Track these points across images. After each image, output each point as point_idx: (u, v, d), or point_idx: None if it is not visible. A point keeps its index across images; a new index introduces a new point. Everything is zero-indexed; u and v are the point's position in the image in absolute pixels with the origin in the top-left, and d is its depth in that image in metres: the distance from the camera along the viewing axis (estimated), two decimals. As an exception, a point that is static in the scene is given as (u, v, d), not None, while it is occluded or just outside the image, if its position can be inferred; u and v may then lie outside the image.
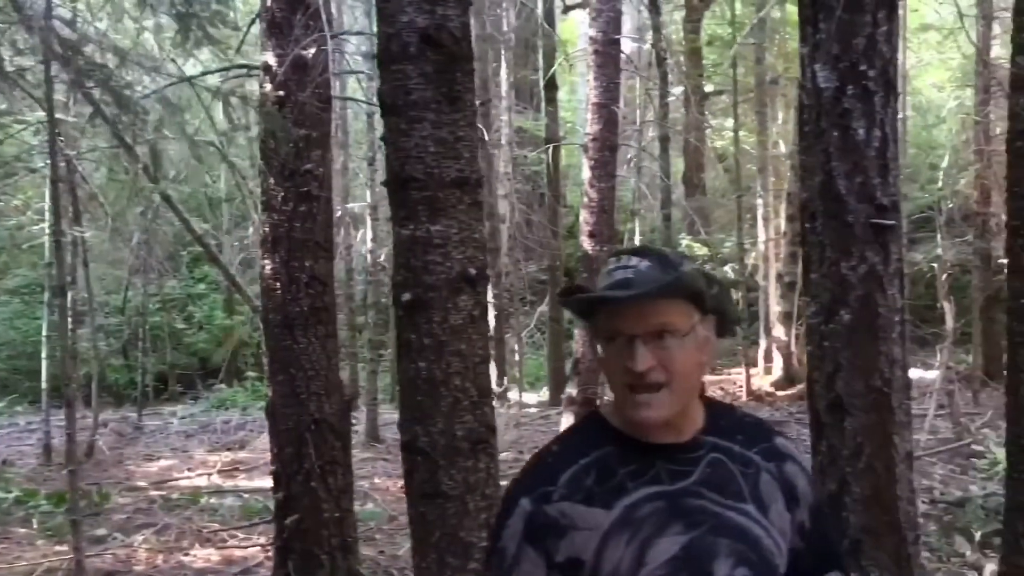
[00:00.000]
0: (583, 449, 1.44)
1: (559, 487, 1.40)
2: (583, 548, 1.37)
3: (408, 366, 2.74)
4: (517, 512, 1.41)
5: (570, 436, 1.55)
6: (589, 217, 6.52)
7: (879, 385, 3.02)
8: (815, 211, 3.13)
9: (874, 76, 3.01)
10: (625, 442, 1.43)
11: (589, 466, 1.42)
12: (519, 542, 1.40)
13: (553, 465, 1.44)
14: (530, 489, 1.42)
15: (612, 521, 1.38)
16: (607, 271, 1.43)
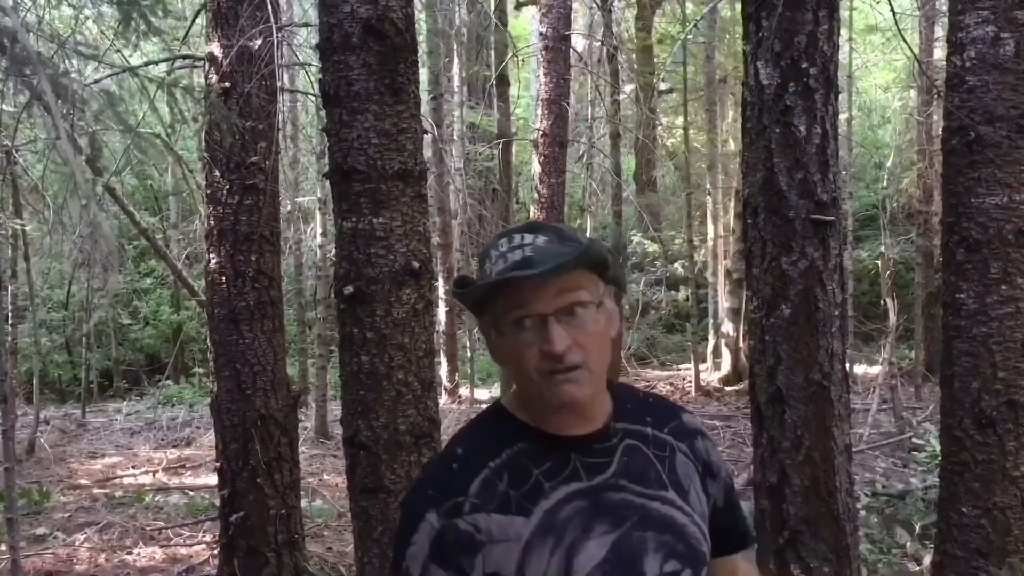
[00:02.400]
0: (491, 449, 1.30)
1: (470, 497, 1.26)
2: (503, 562, 1.25)
3: (350, 360, 2.71)
4: (422, 529, 1.26)
5: (474, 435, 1.37)
6: (539, 213, 6.52)
7: (818, 378, 3.07)
8: (757, 207, 3.16)
9: (815, 74, 3.04)
10: (535, 437, 1.31)
11: (500, 468, 1.28)
12: (424, 562, 1.26)
13: (460, 471, 1.29)
14: (436, 501, 1.27)
15: (532, 530, 1.26)
16: (500, 253, 1.28)
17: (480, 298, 1.29)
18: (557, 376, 1.25)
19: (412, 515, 1.29)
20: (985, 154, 2.82)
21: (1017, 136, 2.78)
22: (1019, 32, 2.77)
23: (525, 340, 1.25)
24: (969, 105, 2.86)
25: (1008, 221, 2.81)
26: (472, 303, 1.32)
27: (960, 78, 2.92)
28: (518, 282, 1.22)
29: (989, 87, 2.81)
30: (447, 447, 1.37)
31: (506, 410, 1.35)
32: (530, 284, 1.22)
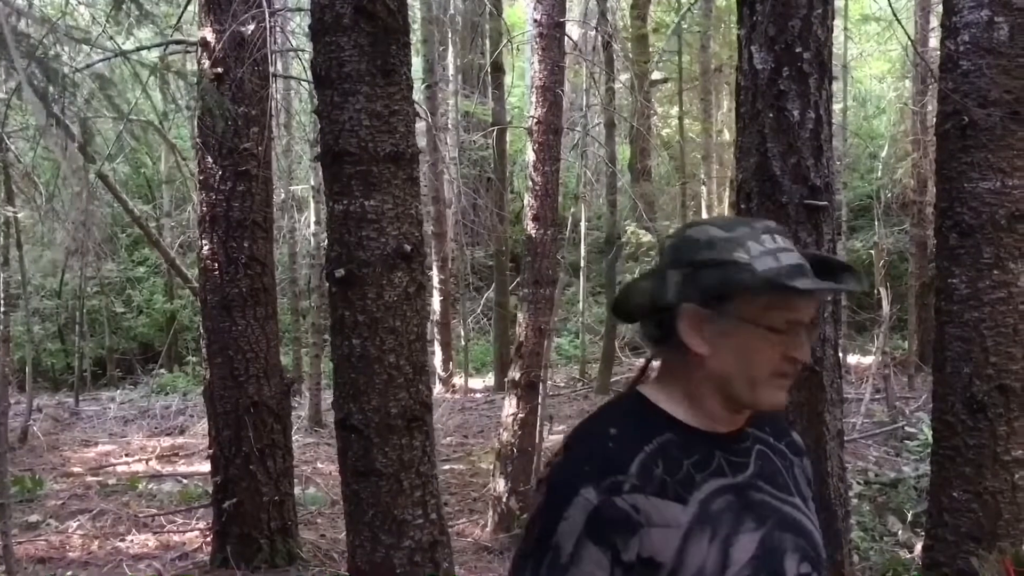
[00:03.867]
0: (642, 434, 1.29)
1: (630, 476, 1.24)
2: (661, 547, 1.22)
3: (342, 343, 2.70)
4: (577, 503, 1.22)
5: (621, 418, 1.34)
6: (533, 200, 6.49)
7: (811, 364, 3.06)
8: (750, 191, 3.16)
9: (809, 58, 3.03)
10: (681, 430, 1.31)
11: (655, 454, 1.27)
12: (579, 538, 1.22)
13: (617, 450, 1.27)
14: (594, 477, 1.23)
15: (691, 518, 1.24)
16: (766, 249, 1.25)
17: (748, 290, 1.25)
18: (783, 381, 1.29)
19: (564, 490, 1.25)
20: (978, 138, 2.81)
21: (1010, 120, 2.78)
22: (1013, 16, 2.76)
23: (774, 340, 1.26)
24: (963, 89, 2.85)
25: (1001, 206, 2.81)
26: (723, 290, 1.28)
27: (954, 62, 2.91)
28: (816, 292, 1.26)
29: (983, 71, 2.81)
30: (591, 426, 1.35)
31: (648, 399, 1.34)
32: (818, 294, 1.28)
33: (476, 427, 10.17)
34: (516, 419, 6.58)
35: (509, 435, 6.62)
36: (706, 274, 1.27)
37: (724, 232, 1.29)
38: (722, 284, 1.25)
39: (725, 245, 1.27)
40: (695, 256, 1.28)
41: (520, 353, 6.61)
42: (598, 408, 1.41)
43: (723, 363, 1.29)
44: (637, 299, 1.34)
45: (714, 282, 1.26)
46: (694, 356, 1.30)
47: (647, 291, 1.32)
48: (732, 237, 1.28)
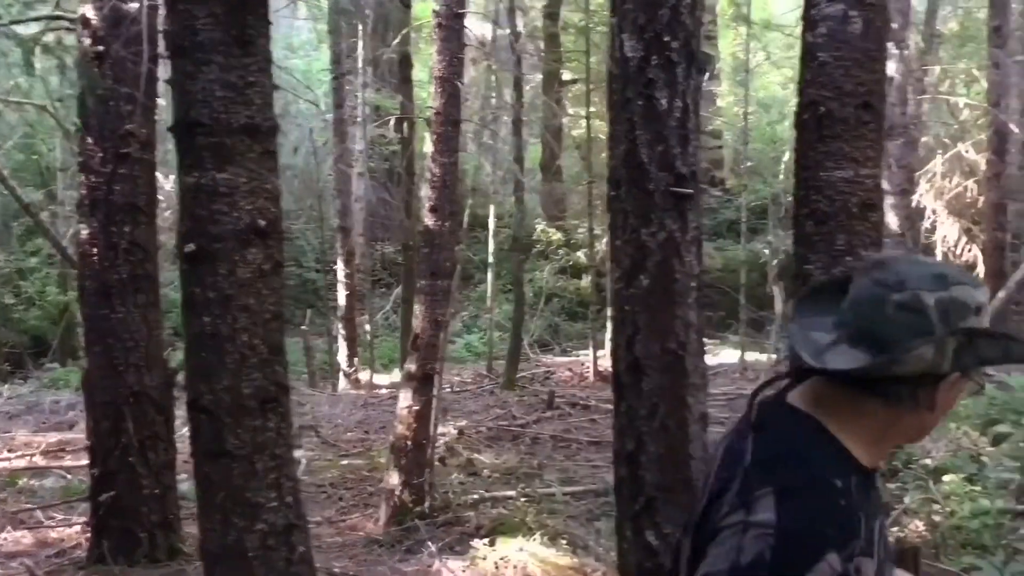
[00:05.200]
0: (850, 484, 1.26)
1: (861, 539, 1.22)
2: None
3: (192, 321, 2.64)
4: (821, 570, 1.17)
5: (832, 464, 1.28)
6: (431, 192, 6.46)
7: (674, 347, 3.11)
8: (620, 179, 3.19)
9: (677, 48, 3.08)
10: (859, 471, 1.30)
11: (862, 509, 1.26)
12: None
13: (849, 509, 1.23)
14: (840, 543, 1.19)
15: (875, 569, 1.24)
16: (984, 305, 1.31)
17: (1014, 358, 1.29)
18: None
19: (808, 551, 1.19)
20: (834, 129, 2.91)
21: (864, 112, 2.88)
22: (867, 11, 2.86)
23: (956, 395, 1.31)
24: (820, 81, 2.94)
25: (854, 194, 2.91)
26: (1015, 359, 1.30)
27: (813, 54, 3.00)
28: None
29: (839, 64, 2.90)
30: (811, 469, 1.27)
31: (834, 436, 1.31)
32: None
33: (378, 423, 10.08)
34: (411, 412, 6.54)
35: (404, 428, 6.57)
36: (985, 345, 1.26)
37: (981, 294, 1.29)
38: (1004, 358, 1.27)
39: (986, 312, 1.29)
40: (970, 323, 1.26)
41: (416, 345, 6.57)
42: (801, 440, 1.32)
43: (937, 417, 1.31)
44: (910, 368, 1.25)
45: (996, 355, 1.27)
46: (913, 408, 1.28)
47: (925, 360, 1.24)
48: (987, 303, 1.31)
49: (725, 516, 1.27)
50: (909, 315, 1.25)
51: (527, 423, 9.70)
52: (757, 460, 1.29)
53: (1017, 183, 12.69)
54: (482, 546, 5.83)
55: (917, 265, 1.31)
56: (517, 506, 6.67)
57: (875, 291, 1.29)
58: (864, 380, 1.26)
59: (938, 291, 1.26)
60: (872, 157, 2.91)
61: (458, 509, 6.64)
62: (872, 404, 1.29)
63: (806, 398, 1.35)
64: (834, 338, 1.32)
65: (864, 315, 1.29)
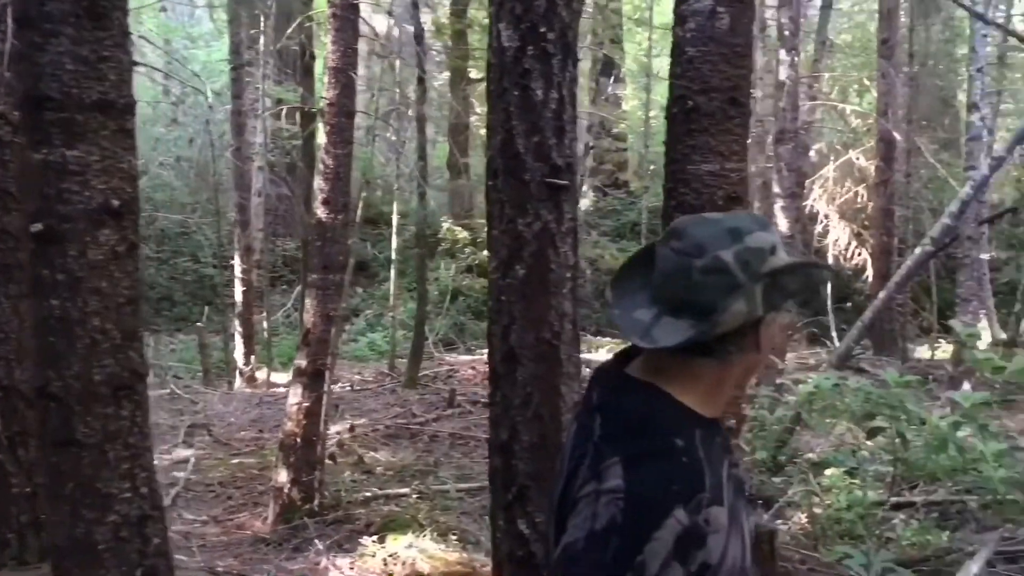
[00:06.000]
0: (691, 438, 1.32)
1: (707, 491, 1.27)
2: (712, 552, 1.26)
3: (41, 304, 2.52)
4: (668, 525, 1.23)
5: (673, 423, 1.35)
6: (324, 184, 6.37)
7: (549, 337, 3.13)
8: (497, 169, 3.19)
9: (553, 39, 3.09)
10: (700, 422, 1.36)
11: (708, 461, 1.31)
12: (665, 559, 1.23)
13: (692, 465, 1.29)
14: (684, 498, 1.25)
15: (727, 517, 1.29)
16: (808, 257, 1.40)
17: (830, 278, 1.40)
18: None
19: (655, 510, 1.24)
20: (701, 123, 2.97)
21: (730, 107, 2.95)
22: (734, 7, 2.93)
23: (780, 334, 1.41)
24: (688, 75, 3.00)
25: (720, 188, 2.98)
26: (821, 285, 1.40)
27: (682, 49, 3.05)
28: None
29: (706, 58, 2.97)
30: (656, 438, 1.33)
31: (671, 396, 1.36)
32: None
33: (273, 421, 9.87)
34: (301, 409, 6.44)
35: (293, 425, 6.47)
36: (789, 280, 1.33)
37: (771, 234, 1.35)
38: (807, 285, 1.35)
39: (780, 248, 1.35)
40: (770, 265, 1.32)
41: (307, 341, 6.47)
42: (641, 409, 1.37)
43: (763, 356, 1.38)
44: (731, 324, 1.31)
45: (799, 286, 1.34)
46: (741, 356, 1.35)
47: (742, 312, 1.30)
48: (779, 240, 1.36)
49: (580, 488, 1.33)
50: (715, 276, 1.31)
51: (426, 421, 9.65)
52: (605, 433, 1.36)
53: (903, 190, 13.24)
54: (371, 543, 5.78)
55: (709, 225, 1.36)
56: (410, 503, 6.63)
57: (679, 261, 1.34)
58: (693, 346, 1.33)
59: (734, 245, 1.32)
60: (737, 151, 2.98)
61: (349, 507, 6.56)
62: (704, 363, 1.36)
63: (644, 368, 1.41)
64: (655, 313, 1.37)
65: (675, 286, 1.35)
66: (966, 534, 5.44)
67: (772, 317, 1.34)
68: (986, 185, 7.91)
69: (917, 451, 5.68)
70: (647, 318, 1.37)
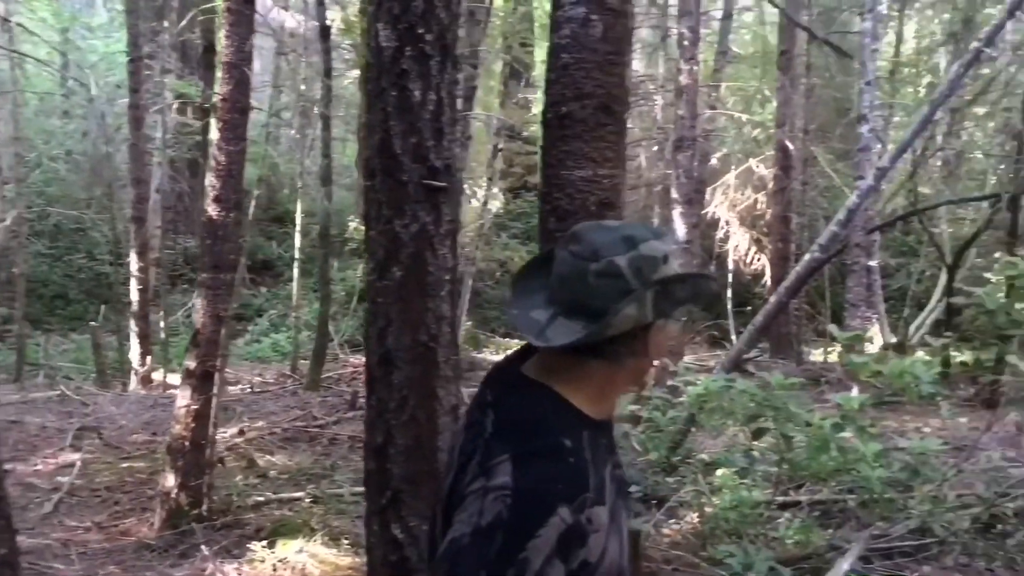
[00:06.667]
0: (578, 439, 1.35)
1: (592, 491, 1.31)
2: (593, 550, 1.30)
3: None
4: (552, 523, 1.25)
5: (562, 424, 1.38)
6: (215, 181, 6.21)
7: (425, 340, 3.12)
8: (375, 169, 3.17)
9: (431, 40, 3.09)
10: (586, 423, 1.39)
11: (593, 462, 1.35)
12: (547, 556, 1.25)
13: (578, 465, 1.33)
14: (567, 496, 1.28)
15: (608, 516, 1.33)
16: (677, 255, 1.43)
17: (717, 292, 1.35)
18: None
19: (540, 508, 1.26)
20: (575, 129, 3.00)
21: (603, 114, 2.99)
22: (607, 15, 2.97)
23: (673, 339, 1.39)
24: (563, 81, 3.04)
25: (592, 193, 3.01)
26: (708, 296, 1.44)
27: (557, 55, 3.09)
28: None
29: (580, 65, 3.00)
30: (545, 437, 1.36)
31: (560, 396, 1.40)
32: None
33: (167, 424, 9.58)
34: (190, 411, 6.29)
35: (181, 428, 6.32)
36: (679, 288, 1.39)
37: (666, 244, 1.40)
38: (695, 295, 1.40)
39: (674, 257, 1.39)
40: (662, 274, 1.37)
41: (197, 342, 6.31)
42: (532, 408, 1.40)
43: (651, 361, 1.43)
44: (621, 327, 1.36)
45: (688, 295, 1.40)
46: (631, 359, 1.40)
47: (632, 316, 1.35)
48: (673, 249, 1.40)
49: (468, 484, 1.35)
50: (609, 280, 1.37)
51: (326, 424, 9.53)
52: (496, 430, 1.40)
53: (800, 198, 13.66)
54: (260, 548, 5.68)
55: (606, 232, 1.42)
56: (303, 507, 6.54)
57: (575, 264, 1.39)
58: (585, 347, 1.38)
59: (628, 252, 1.38)
60: (611, 158, 3.03)
61: (239, 511, 6.43)
62: (595, 364, 1.41)
63: (538, 368, 1.45)
64: (551, 314, 1.42)
65: (571, 289, 1.40)
66: (846, 532, 5.62)
67: (662, 323, 1.40)
68: (871, 195, 8.21)
69: (801, 452, 5.85)
70: (543, 318, 1.42)
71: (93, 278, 16.11)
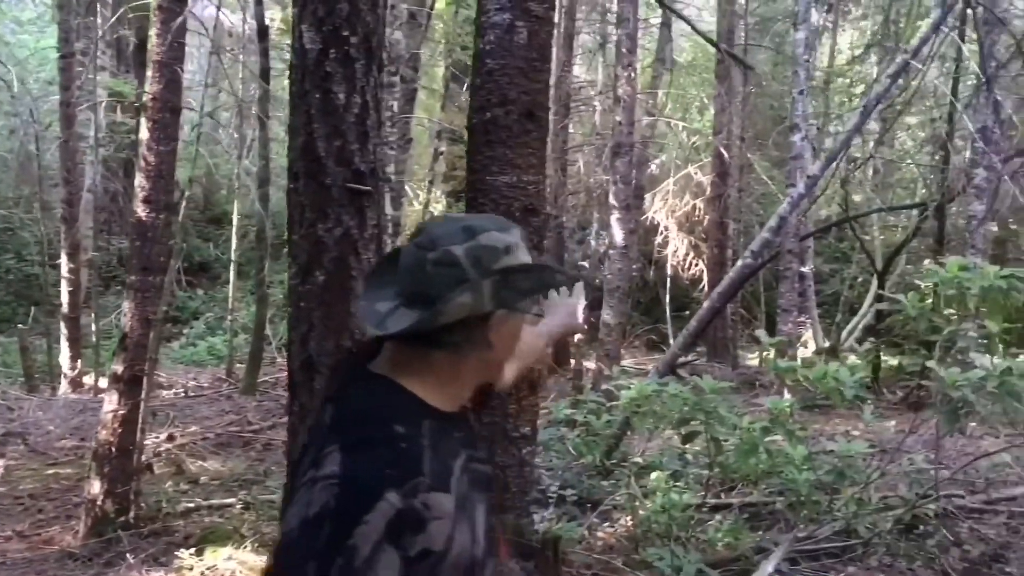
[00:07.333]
0: (416, 427, 1.35)
1: (426, 476, 1.28)
2: (435, 539, 1.27)
3: None
4: (380, 508, 1.23)
5: (398, 412, 1.37)
6: (145, 182, 6.09)
7: (349, 345, 3.09)
8: (298, 172, 3.14)
9: (356, 43, 3.07)
10: (435, 415, 1.39)
11: (431, 447, 1.33)
12: (377, 542, 1.22)
13: (409, 450, 1.31)
14: (397, 481, 1.25)
15: (455, 504, 1.32)
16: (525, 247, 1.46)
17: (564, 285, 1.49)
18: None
19: (366, 493, 1.24)
20: (499, 135, 3.00)
21: (527, 121, 2.99)
22: (531, 22, 2.98)
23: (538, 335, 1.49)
24: (488, 87, 3.03)
25: (516, 199, 3.02)
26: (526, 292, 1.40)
27: (483, 61, 3.08)
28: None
29: (504, 71, 3.00)
30: (377, 425, 1.35)
31: (401, 386, 1.40)
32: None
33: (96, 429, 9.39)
34: (116, 416, 6.14)
35: (108, 433, 6.16)
36: (520, 279, 1.38)
37: (509, 236, 1.40)
38: (538, 287, 1.39)
39: (519, 250, 1.39)
40: (502, 264, 1.37)
41: (125, 345, 6.17)
42: (367, 399, 1.41)
43: (503, 355, 1.42)
44: (454, 315, 1.35)
45: (532, 285, 1.39)
46: (477, 351, 1.38)
47: (467, 304, 1.35)
48: (518, 242, 1.40)
49: (302, 476, 1.35)
50: (445, 269, 1.37)
51: (261, 429, 9.39)
52: (332, 423, 1.40)
53: (737, 204, 13.87)
54: (188, 556, 5.56)
55: (448, 224, 1.43)
56: (234, 514, 6.43)
57: (416, 254, 1.40)
58: (423, 336, 1.37)
59: (466, 242, 1.38)
60: (535, 165, 3.03)
61: (168, 519, 6.30)
62: (437, 355, 1.41)
63: (384, 362, 1.45)
64: (395, 304, 1.42)
65: (411, 278, 1.41)
66: (775, 534, 5.70)
67: (503, 314, 1.39)
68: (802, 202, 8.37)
69: (731, 455, 5.93)
70: (385, 309, 1.42)
71: (22, 279, 15.67)
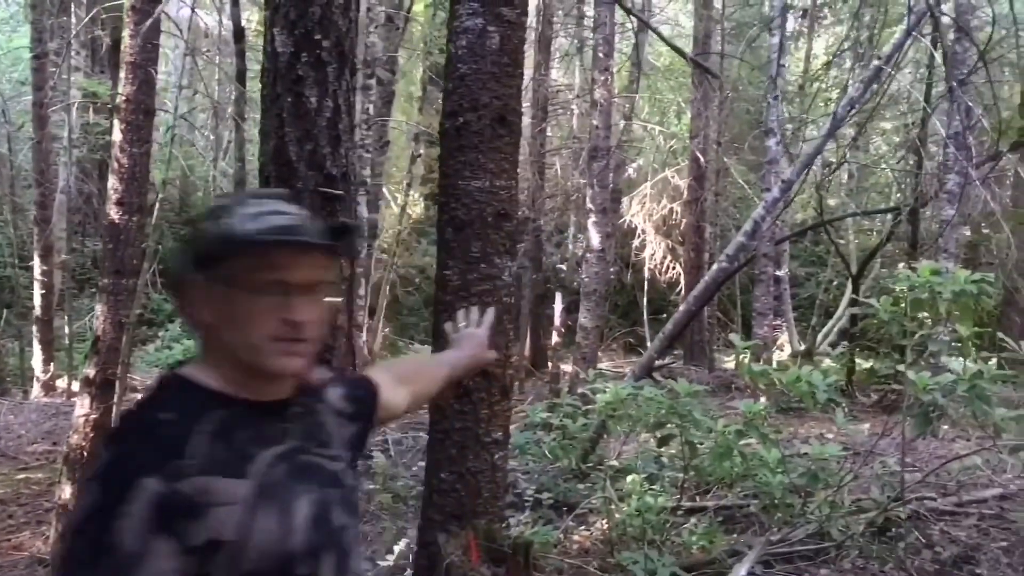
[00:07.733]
0: (190, 414, 1.28)
1: (191, 460, 1.22)
2: (224, 526, 1.21)
3: None
4: (138, 497, 1.17)
5: (164, 402, 1.32)
6: (118, 184, 6.05)
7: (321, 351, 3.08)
8: (268, 175, 3.12)
9: (328, 47, 3.06)
10: (230, 403, 1.33)
11: (208, 432, 1.27)
12: (145, 533, 1.16)
13: (172, 435, 1.25)
14: (154, 466, 1.19)
15: (252, 492, 1.26)
16: (251, 213, 1.29)
17: (227, 251, 1.28)
18: (287, 345, 1.30)
19: (120, 483, 1.18)
20: (471, 139, 3.00)
21: (499, 125, 3.00)
22: (503, 27, 2.98)
23: (266, 305, 1.28)
24: (460, 91, 3.03)
25: (489, 204, 3.02)
26: (209, 254, 1.30)
27: (455, 66, 3.08)
28: (291, 246, 1.28)
29: (476, 76, 3.01)
30: (138, 415, 1.31)
31: (189, 379, 1.34)
32: (301, 252, 1.29)
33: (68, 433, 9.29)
34: (88, 420, 6.09)
35: (79, 438, 6.11)
36: (197, 242, 1.32)
37: (223, 200, 1.35)
38: (206, 249, 1.30)
39: (218, 212, 1.32)
40: (194, 226, 1.35)
41: (97, 348, 6.12)
42: (140, 398, 1.37)
43: (228, 332, 1.31)
44: (169, 281, 1.36)
45: (201, 248, 1.31)
46: (205, 329, 1.33)
47: (174, 271, 1.34)
48: (226, 205, 1.33)
49: None
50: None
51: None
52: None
53: (713, 208, 13.94)
54: (160, 561, 5.51)
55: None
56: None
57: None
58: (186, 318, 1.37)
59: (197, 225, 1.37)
60: (507, 169, 3.04)
61: (140, 524, 6.24)
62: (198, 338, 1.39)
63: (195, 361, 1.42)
64: None
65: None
66: (749, 537, 5.73)
67: (188, 280, 1.33)
68: (777, 207, 8.44)
69: (706, 458, 5.95)
70: None
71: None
